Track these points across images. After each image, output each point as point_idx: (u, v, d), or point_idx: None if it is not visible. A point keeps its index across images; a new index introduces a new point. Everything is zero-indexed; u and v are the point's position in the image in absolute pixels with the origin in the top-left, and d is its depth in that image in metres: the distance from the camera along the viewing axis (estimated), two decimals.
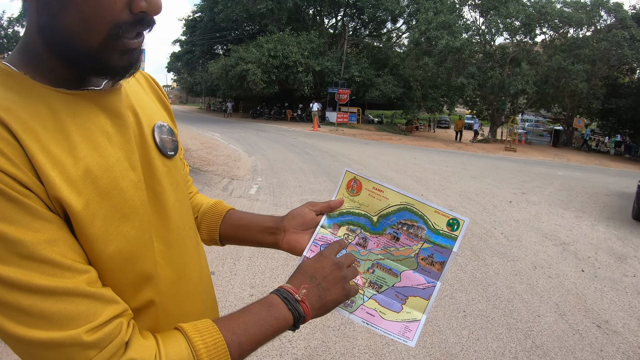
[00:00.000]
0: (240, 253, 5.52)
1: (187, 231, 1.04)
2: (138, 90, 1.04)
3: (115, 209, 0.81)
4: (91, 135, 0.80)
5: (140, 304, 0.88)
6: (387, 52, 44.46)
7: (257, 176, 11.53)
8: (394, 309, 1.10)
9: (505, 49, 34.34)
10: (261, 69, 35.50)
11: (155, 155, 0.95)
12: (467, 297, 4.71)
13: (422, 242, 1.13)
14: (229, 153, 15.95)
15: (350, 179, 1.22)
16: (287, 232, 1.21)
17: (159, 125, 1.00)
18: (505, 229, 7.58)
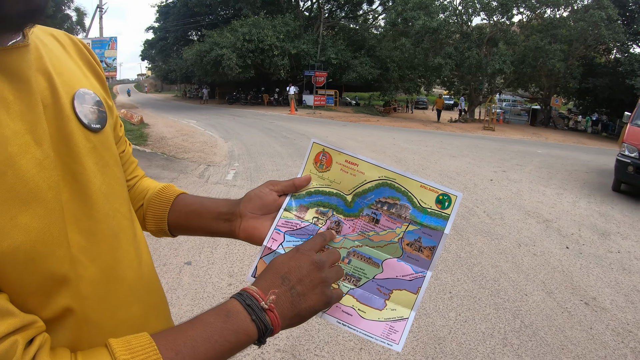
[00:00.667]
0: (218, 241, 5.34)
1: (119, 221, 0.84)
2: (60, 53, 0.85)
3: (11, 194, 0.61)
4: None
5: (54, 314, 0.68)
6: (363, 33, 44.34)
7: (234, 161, 11.33)
8: (376, 305, 0.91)
9: (482, 29, 34.44)
10: (236, 54, 35.20)
11: (75, 128, 0.75)
12: (453, 278, 4.60)
13: (407, 223, 0.94)
14: (205, 139, 15.72)
15: (319, 152, 1.02)
16: (244, 217, 0.99)
17: (82, 92, 0.81)
18: (488, 207, 7.51)
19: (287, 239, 0.93)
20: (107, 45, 25.69)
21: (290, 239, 0.94)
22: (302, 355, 3.25)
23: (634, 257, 5.64)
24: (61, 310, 0.68)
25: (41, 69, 0.73)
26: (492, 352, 3.40)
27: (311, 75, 36.45)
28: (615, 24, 29.00)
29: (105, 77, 0.96)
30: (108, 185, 0.81)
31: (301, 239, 0.94)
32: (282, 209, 0.98)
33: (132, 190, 1.11)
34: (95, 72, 0.93)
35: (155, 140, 14.21)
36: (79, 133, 0.76)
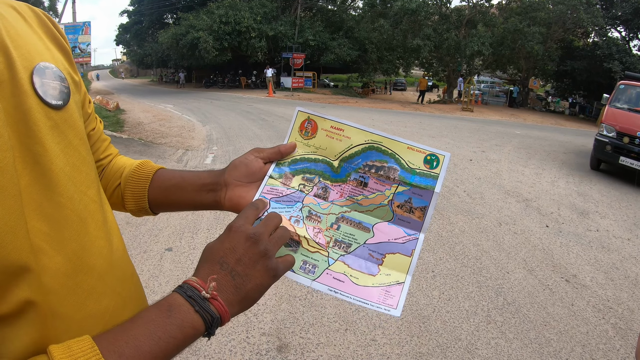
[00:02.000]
0: (199, 225, 5.28)
1: (86, 204, 0.77)
2: (20, 26, 0.76)
3: None
4: None
5: (12, 309, 0.62)
6: (341, 15, 44.00)
7: (213, 145, 11.24)
8: (369, 271, 0.87)
9: (461, 11, 34.48)
10: (213, 37, 34.84)
11: (34, 105, 0.69)
12: (435, 257, 4.61)
13: (396, 184, 0.92)
14: (183, 124, 15.56)
15: (304, 120, 1.00)
16: (229, 186, 0.95)
17: (42, 66, 0.73)
18: (468, 186, 7.54)
19: (272, 206, 0.90)
20: (81, 31, 25.20)
21: (276, 205, 0.90)
22: (288, 338, 3.24)
23: (612, 235, 5.71)
24: (21, 303, 0.62)
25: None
26: (476, 329, 3.42)
27: (289, 57, 36.24)
28: (594, 8, 29.24)
29: (70, 51, 0.88)
30: (72, 166, 0.75)
31: (287, 206, 0.91)
32: (267, 176, 0.95)
33: (106, 169, 1.05)
34: (60, 45, 0.86)
35: (132, 126, 14.04)
36: (38, 110, 0.69)
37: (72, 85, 0.80)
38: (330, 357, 3.06)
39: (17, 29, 0.74)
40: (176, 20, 46.14)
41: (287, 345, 3.16)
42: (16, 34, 0.72)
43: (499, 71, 38.08)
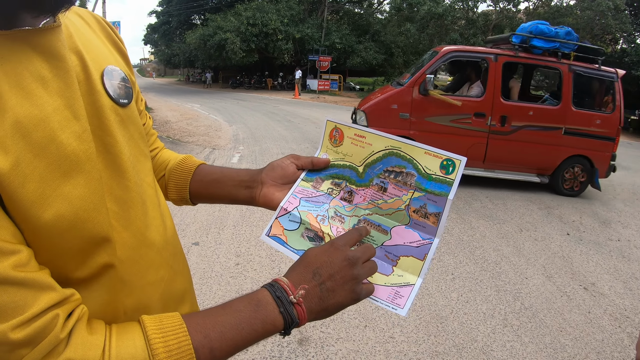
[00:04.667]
0: (225, 222, 5.42)
1: (145, 189, 0.90)
2: (86, 32, 0.90)
3: (53, 166, 0.67)
4: (22, 82, 0.67)
5: (93, 271, 0.74)
6: (368, 18, 43.88)
7: (239, 145, 11.37)
8: (383, 271, 0.93)
9: (488, 15, 34.11)
10: (240, 38, 35.01)
11: (105, 102, 0.81)
12: (455, 260, 4.69)
13: (412, 190, 0.96)
14: (210, 123, 15.74)
15: (332, 129, 1.10)
16: (265, 184, 1.06)
17: (110, 69, 0.86)
18: (490, 192, 7.59)
19: (302, 204, 1.00)
20: None
21: (306, 204, 1.00)
22: (308, 331, 3.35)
23: (633, 245, 5.70)
24: (101, 267, 0.74)
25: (72, 48, 0.78)
26: (492, 331, 3.50)
27: (315, 59, 36.26)
28: (623, 14, 28.57)
29: (127, 53, 1.01)
30: (134, 156, 0.87)
31: (315, 205, 1.00)
32: (299, 179, 1.06)
33: (153, 160, 1.17)
34: (119, 48, 0.98)
35: (160, 124, 14.25)
36: (109, 107, 0.81)
37: (132, 85, 0.92)
38: (349, 351, 3.16)
39: (85, 34, 0.86)
40: (204, 21, 46.43)
41: (308, 339, 3.27)
42: (85, 39, 0.84)
43: None
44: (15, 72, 0.66)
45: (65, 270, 0.71)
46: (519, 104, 8.17)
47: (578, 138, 7.99)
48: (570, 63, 7.88)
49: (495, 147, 7.95)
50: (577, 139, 7.99)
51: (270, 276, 4.23)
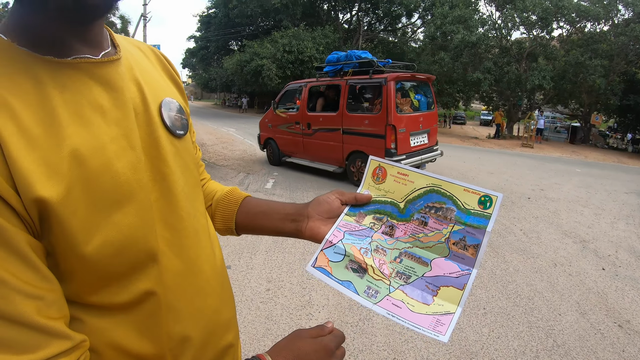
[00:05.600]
0: (257, 247, 5.51)
1: (198, 219, 0.94)
2: (145, 63, 0.96)
3: (106, 195, 0.71)
4: (81, 111, 0.72)
5: (136, 296, 0.78)
6: (402, 47, 44.06)
7: (273, 171, 11.57)
8: (424, 300, 0.96)
9: (521, 43, 33.88)
10: (276, 65, 35.52)
11: (162, 133, 0.86)
12: (487, 294, 4.67)
13: (452, 224, 1.02)
14: (245, 148, 15.98)
15: (375, 167, 1.17)
16: (311, 218, 1.11)
17: (167, 101, 0.92)
18: (525, 225, 7.51)
19: (346, 237, 1.05)
20: None
21: (349, 237, 1.05)
22: None
23: None
24: (142, 293, 0.78)
25: (132, 79, 0.84)
26: None
27: None
28: None
29: (182, 85, 1.08)
30: (189, 186, 0.92)
31: (358, 239, 1.05)
32: (343, 213, 1.12)
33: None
34: (175, 80, 1.05)
35: None
36: (165, 138, 0.86)
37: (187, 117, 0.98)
38: None
39: (144, 67, 0.93)
40: (241, 47, 47.27)
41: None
42: (145, 71, 0.91)
43: (560, 106, 36.92)
44: (74, 100, 0.71)
45: (106, 295, 0.75)
46: (314, 113, 10.91)
47: (354, 137, 9.95)
48: (346, 78, 10.10)
49: (307, 144, 11.26)
50: (354, 137, 9.95)
51: (301, 304, 4.31)
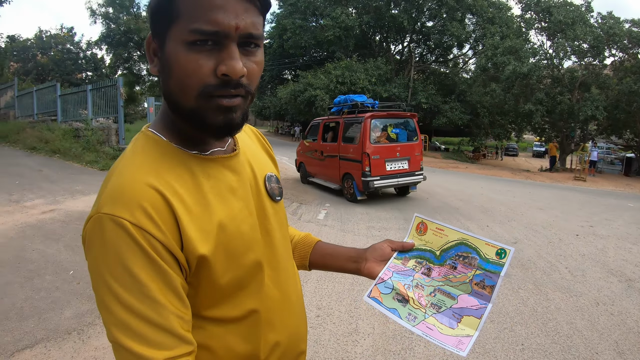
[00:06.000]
0: (309, 276, 5.96)
1: (287, 260, 1.34)
2: (250, 144, 1.35)
3: (237, 248, 1.09)
4: (221, 192, 1.09)
5: (244, 312, 1.15)
6: (454, 78, 44.13)
7: (325, 202, 12.07)
8: (451, 325, 1.29)
9: (573, 72, 33.33)
10: (329, 95, 36.02)
11: (266, 200, 1.24)
12: (527, 331, 4.88)
13: (475, 269, 1.37)
14: (297, 176, 16.52)
15: (419, 222, 1.55)
16: (368, 261, 1.49)
17: (269, 175, 1.31)
18: (570, 263, 7.62)
19: (394, 275, 1.46)
20: None
21: (397, 275, 1.46)
22: None
23: None
24: (249, 311, 1.14)
25: (247, 162, 1.23)
26: None
27: None
28: None
29: (273, 154, 1.54)
30: (283, 237, 1.32)
31: (403, 277, 1.46)
32: (392, 257, 1.52)
33: None
34: (269, 154, 1.47)
35: None
36: (269, 204, 1.25)
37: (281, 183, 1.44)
38: None
39: (250, 147, 1.34)
40: (295, 77, 48.15)
41: None
42: (251, 152, 1.31)
43: (614, 136, 35.78)
44: (217, 185, 1.10)
45: (223, 311, 1.11)
46: (324, 143, 13.93)
47: (346, 162, 12.75)
48: (343, 117, 13.08)
49: (321, 167, 14.36)
50: (345, 162, 12.76)
51: (348, 331, 4.69)
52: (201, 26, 0.92)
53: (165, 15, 0.96)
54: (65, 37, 52.76)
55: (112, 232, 0.92)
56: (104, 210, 0.94)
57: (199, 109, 0.98)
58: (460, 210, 11.89)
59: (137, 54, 53.62)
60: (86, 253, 1.00)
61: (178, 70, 0.96)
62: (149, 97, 18.92)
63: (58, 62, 49.33)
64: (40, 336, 4.50)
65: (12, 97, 26.91)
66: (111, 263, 0.93)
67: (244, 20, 0.95)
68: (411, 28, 43.13)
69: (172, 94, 1.01)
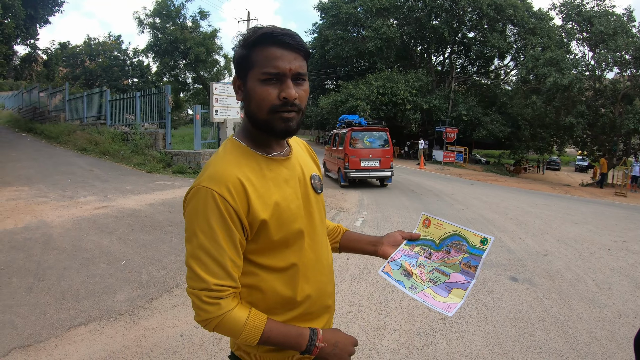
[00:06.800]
0: (343, 276, 6.49)
1: (322, 235, 1.78)
2: (300, 152, 1.83)
3: (286, 218, 1.56)
4: (278, 181, 1.59)
5: (287, 264, 1.59)
6: (494, 90, 43.98)
7: (363, 210, 12.41)
8: (443, 295, 1.66)
9: (616, 84, 32.77)
10: (370, 106, 36.34)
11: (310, 191, 1.71)
12: (546, 336, 5.09)
13: (464, 253, 1.75)
14: (336, 186, 17.36)
15: (425, 219, 1.98)
16: (383, 245, 1.93)
17: (313, 175, 1.78)
18: (598, 276, 7.71)
19: (402, 257, 1.88)
20: None
21: (405, 257, 1.88)
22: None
23: None
24: (291, 264, 1.60)
25: (297, 163, 1.71)
26: None
27: (442, 130, 36.55)
28: None
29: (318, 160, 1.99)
30: (321, 218, 1.77)
31: (410, 258, 1.88)
32: (402, 244, 1.94)
33: None
34: (314, 160, 1.93)
35: None
36: (312, 194, 1.72)
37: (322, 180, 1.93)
38: None
39: (300, 152, 1.83)
40: (336, 87, 48.57)
41: None
42: (301, 157, 1.80)
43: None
44: (275, 177, 1.59)
45: (273, 261, 1.58)
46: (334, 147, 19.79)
47: (339, 160, 18.45)
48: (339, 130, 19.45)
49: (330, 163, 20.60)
50: (339, 160, 18.33)
51: (376, 327, 5.08)
52: (269, 70, 1.48)
53: (245, 65, 1.54)
54: (113, 45, 54.31)
55: (205, 197, 1.45)
56: (203, 184, 1.47)
57: (269, 120, 1.52)
58: (494, 222, 12.04)
59: (182, 63, 54.65)
60: (185, 209, 1.54)
61: (256, 97, 1.51)
62: (195, 104, 19.64)
63: (105, 69, 50.87)
64: (95, 315, 5.09)
65: (61, 101, 28.19)
66: (200, 216, 1.46)
67: (294, 64, 1.50)
68: (452, 39, 43.13)
69: (252, 112, 1.55)
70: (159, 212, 10.08)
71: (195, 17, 54.32)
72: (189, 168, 17.07)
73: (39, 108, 31.56)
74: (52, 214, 9.09)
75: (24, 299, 5.38)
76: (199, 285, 1.46)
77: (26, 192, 11.12)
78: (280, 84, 1.50)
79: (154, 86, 41.68)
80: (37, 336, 4.56)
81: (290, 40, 1.50)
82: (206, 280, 1.45)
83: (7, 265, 6.35)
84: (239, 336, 1.51)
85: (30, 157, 17.38)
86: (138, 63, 54.85)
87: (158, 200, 11.23)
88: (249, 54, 1.52)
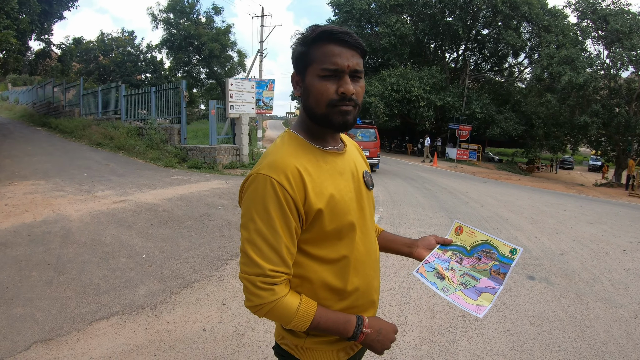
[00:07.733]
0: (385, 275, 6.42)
1: (372, 230, 1.83)
2: (353, 150, 1.91)
3: (340, 210, 1.61)
4: (333, 173, 1.65)
5: (339, 256, 1.64)
6: (508, 87, 43.81)
7: (379, 207, 12.45)
8: (473, 297, 1.73)
9: (631, 83, 32.61)
10: (384, 103, 36.23)
11: (362, 186, 1.77)
12: (564, 335, 5.15)
13: (494, 261, 1.84)
14: None
15: (457, 226, 2.06)
16: (419, 247, 2.01)
17: (365, 172, 1.85)
18: (614, 276, 7.74)
19: (436, 260, 1.97)
20: (266, 86, 27.54)
21: (438, 260, 1.97)
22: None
23: None
24: (342, 256, 1.65)
25: (350, 159, 1.79)
26: None
27: (455, 128, 36.50)
28: None
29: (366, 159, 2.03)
30: (371, 214, 1.83)
31: (442, 261, 1.97)
32: (436, 247, 2.04)
33: None
34: (362, 156, 1.98)
35: None
36: (364, 189, 1.78)
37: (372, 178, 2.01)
38: None
39: (352, 151, 1.90)
40: None
41: None
42: (354, 154, 1.88)
43: None
44: (330, 169, 1.65)
45: (324, 252, 1.62)
46: None
47: None
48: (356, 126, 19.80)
49: None
50: None
51: (397, 323, 5.12)
52: (328, 66, 1.55)
53: (304, 62, 1.61)
54: (126, 40, 54.49)
55: (264, 184, 1.51)
56: (262, 171, 1.53)
57: (327, 114, 1.58)
58: (510, 221, 12.05)
59: (196, 58, 54.83)
60: (242, 195, 1.62)
61: (314, 91, 1.57)
62: (211, 100, 19.78)
63: (119, 64, 50.97)
64: (116, 309, 5.16)
65: (74, 96, 28.53)
66: (258, 202, 1.52)
67: (352, 61, 1.56)
68: (466, 36, 42.92)
69: (310, 107, 1.62)
70: (177, 206, 10.19)
71: (209, 13, 54.56)
72: (204, 163, 17.25)
73: (53, 103, 32.00)
74: (70, 208, 9.22)
75: (44, 293, 5.47)
76: (253, 271, 1.51)
77: (43, 186, 11.27)
78: (338, 80, 1.56)
79: (167, 81, 41.74)
80: (58, 330, 4.64)
81: (349, 38, 1.56)
82: (261, 265, 1.50)
83: (26, 259, 6.45)
84: (289, 322, 1.56)
85: (45, 151, 17.62)
86: (151, 58, 55.07)
87: (176, 195, 11.35)
88: (308, 51, 1.59)
